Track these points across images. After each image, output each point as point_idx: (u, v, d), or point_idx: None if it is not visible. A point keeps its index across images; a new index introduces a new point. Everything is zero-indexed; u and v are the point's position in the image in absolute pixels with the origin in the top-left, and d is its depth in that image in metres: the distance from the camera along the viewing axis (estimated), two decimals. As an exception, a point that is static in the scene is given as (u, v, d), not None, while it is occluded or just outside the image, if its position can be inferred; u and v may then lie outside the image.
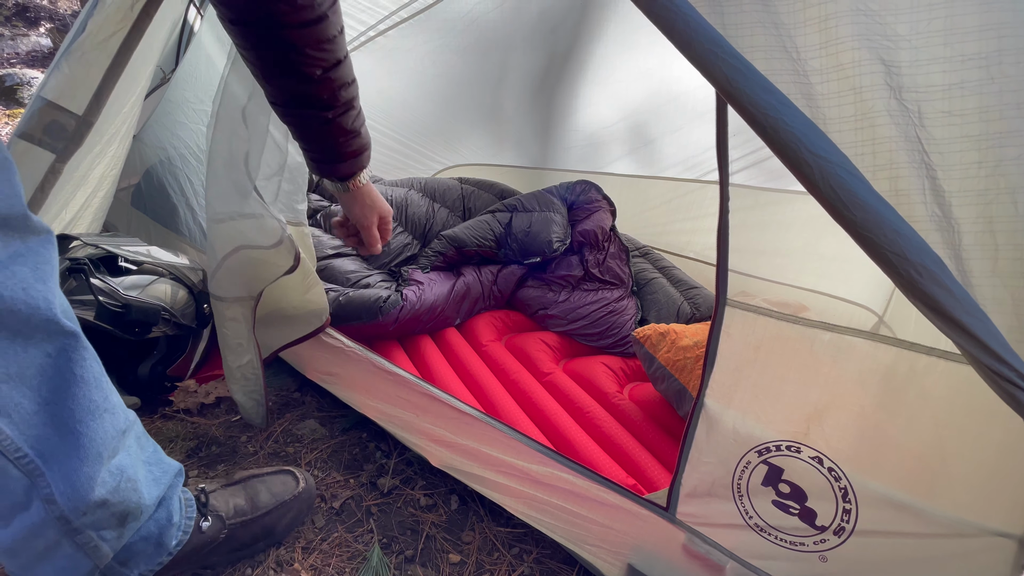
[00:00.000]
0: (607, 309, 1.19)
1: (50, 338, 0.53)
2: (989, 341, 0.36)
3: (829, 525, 0.53)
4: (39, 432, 0.53)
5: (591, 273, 1.26)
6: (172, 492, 0.67)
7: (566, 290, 1.25)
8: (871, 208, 0.37)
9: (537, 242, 1.26)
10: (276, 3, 0.58)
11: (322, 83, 0.66)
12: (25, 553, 0.57)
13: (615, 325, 1.17)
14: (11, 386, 0.51)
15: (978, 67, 0.36)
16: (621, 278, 1.26)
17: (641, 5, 0.40)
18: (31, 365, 0.52)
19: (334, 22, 0.64)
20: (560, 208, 1.32)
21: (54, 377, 0.54)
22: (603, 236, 1.30)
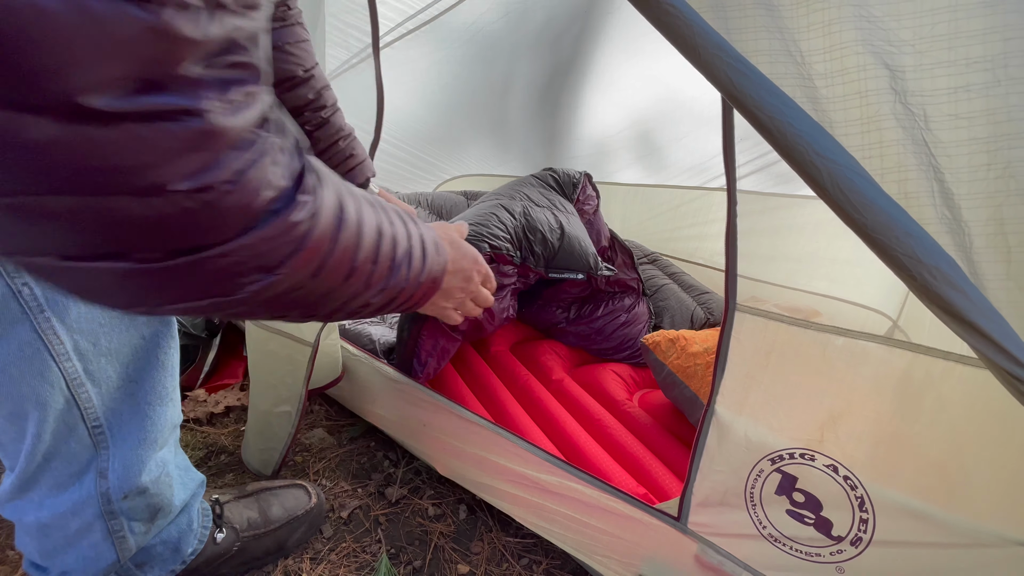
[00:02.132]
0: (620, 321, 1.14)
1: (149, 322, 0.56)
2: (1007, 344, 0.35)
3: (846, 535, 0.51)
4: (116, 407, 0.56)
5: (598, 289, 1.16)
6: (194, 500, 0.69)
7: (575, 305, 1.18)
8: (881, 210, 0.36)
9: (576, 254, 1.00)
10: None
11: (307, 82, 0.71)
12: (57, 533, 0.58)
13: (629, 337, 1.14)
14: (108, 360, 0.54)
15: (983, 70, 0.35)
16: (631, 285, 1.18)
17: (644, 11, 0.40)
18: (127, 344, 0.55)
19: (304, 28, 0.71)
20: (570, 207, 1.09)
21: (142, 359, 0.57)
22: (608, 244, 1.17)
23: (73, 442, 0.55)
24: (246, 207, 0.27)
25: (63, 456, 0.55)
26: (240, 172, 0.25)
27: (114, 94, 0.20)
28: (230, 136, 0.24)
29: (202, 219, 0.25)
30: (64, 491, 0.57)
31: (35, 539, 0.59)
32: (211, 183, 0.24)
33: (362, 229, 0.40)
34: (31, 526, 0.58)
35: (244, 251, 0.29)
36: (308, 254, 0.33)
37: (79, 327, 0.51)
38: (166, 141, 0.22)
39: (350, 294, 0.42)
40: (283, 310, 0.38)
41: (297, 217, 0.31)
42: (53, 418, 0.53)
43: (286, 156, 0.30)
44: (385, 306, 0.49)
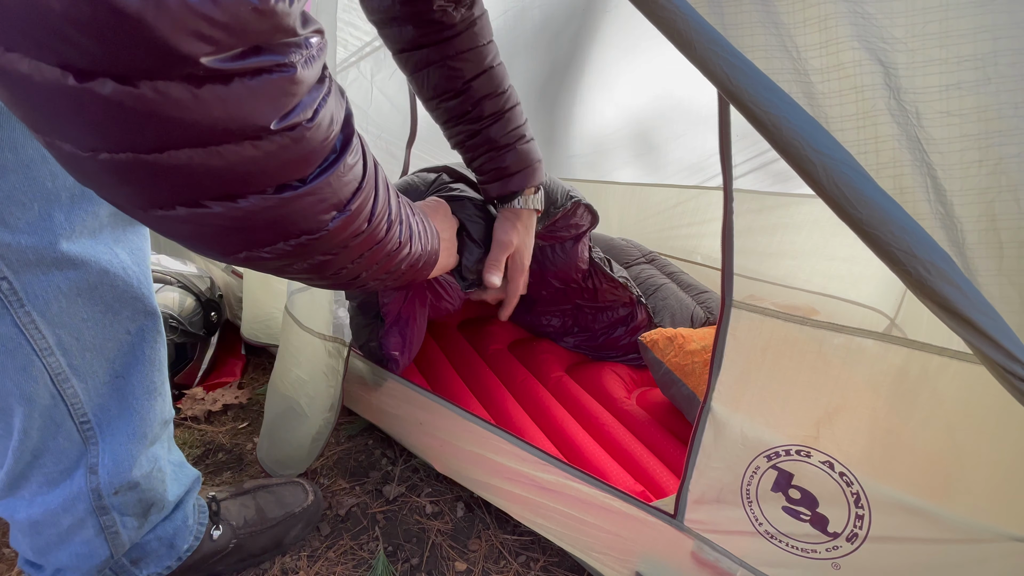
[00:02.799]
0: (618, 334, 1.11)
1: (134, 317, 0.56)
2: (1001, 339, 0.35)
3: (841, 531, 0.52)
4: (104, 402, 0.56)
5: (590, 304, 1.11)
6: (189, 496, 0.69)
7: (569, 316, 1.15)
8: (876, 205, 0.36)
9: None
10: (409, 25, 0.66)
11: (465, 93, 0.71)
12: (49, 530, 0.58)
13: (629, 346, 1.11)
14: (93, 355, 0.54)
15: (974, 68, 0.36)
16: (620, 297, 1.11)
17: (641, 7, 0.40)
18: (112, 339, 0.55)
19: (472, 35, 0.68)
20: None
21: (128, 354, 0.57)
22: (585, 270, 1.04)
23: (61, 438, 0.55)
24: (323, 141, 0.33)
25: (51, 452, 0.55)
26: (316, 112, 0.31)
27: (232, 57, 0.26)
28: (308, 81, 0.30)
29: (295, 154, 0.31)
30: (54, 487, 0.57)
31: (28, 536, 0.59)
32: (297, 122, 0.30)
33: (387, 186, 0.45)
34: (23, 523, 0.58)
35: (323, 188, 0.34)
36: (366, 193, 0.39)
37: (61, 321, 0.51)
38: (268, 89, 0.27)
39: (389, 251, 0.47)
40: (350, 259, 0.42)
41: (353, 156, 0.37)
42: (39, 414, 0.53)
43: (342, 98, 0.36)
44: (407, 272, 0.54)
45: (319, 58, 0.31)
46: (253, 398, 1.12)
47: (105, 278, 0.52)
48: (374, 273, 0.47)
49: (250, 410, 1.09)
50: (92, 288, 0.52)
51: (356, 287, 0.49)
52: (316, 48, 0.30)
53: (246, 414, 1.08)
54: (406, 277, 0.54)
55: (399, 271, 0.51)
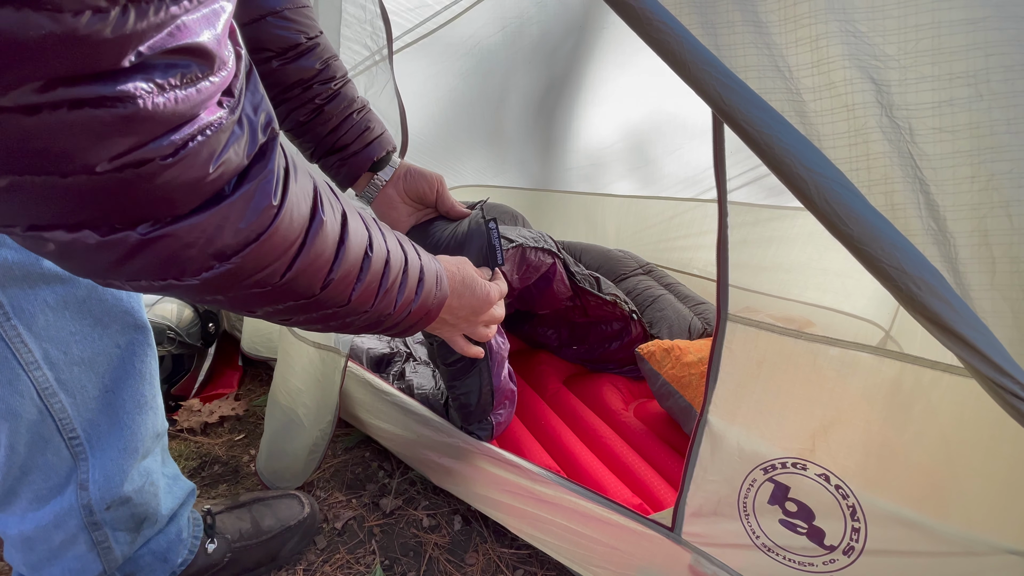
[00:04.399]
0: (612, 348, 1.11)
1: (123, 330, 0.56)
2: (991, 354, 0.36)
3: (838, 544, 0.52)
4: (93, 417, 0.55)
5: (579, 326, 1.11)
6: (183, 509, 0.68)
7: (565, 328, 1.14)
8: (867, 222, 0.37)
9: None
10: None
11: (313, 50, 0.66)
12: (42, 546, 0.58)
13: (625, 358, 1.10)
14: (82, 370, 0.53)
15: (967, 85, 0.36)
16: (611, 313, 1.07)
17: (636, 28, 0.41)
18: (102, 353, 0.55)
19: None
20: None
21: (118, 368, 0.56)
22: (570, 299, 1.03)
23: (50, 453, 0.54)
24: (194, 183, 0.28)
25: (40, 468, 0.55)
26: (179, 148, 0.26)
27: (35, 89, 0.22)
28: (164, 117, 0.25)
29: (146, 192, 0.27)
30: (45, 504, 0.56)
31: (20, 552, 0.58)
32: (146, 158, 0.25)
33: (347, 240, 0.39)
34: (15, 539, 0.57)
35: (196, 232, 0.29)
36: (270, 247, 0.33)
37: (48, 335, 0.51)
38: (93, 126, 0.23)
39: (329, 306, 0.41)
40: (249, 305, 0.38)
41: (256, 202, 0.31)
42: (26, 429, 0.52)
43: (243, 133, 0.30)
44: (370, 327, 0.49)
45: (201, 87, 0.26)
46: (250, 410, 1.12)
47: (94, 292, 0.52)
48: (308, 320, 0.42)
49: (247, 422, 1.09)
50: (80, 302, 0.52)
51: (290, 325, 0.44)
52: (187, 78, 0.26)
53: (243, 426, 1.07)
54: (370, 330, 0.50)
55: (350, 324, 0.46)
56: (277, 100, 0.68)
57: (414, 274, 0.50)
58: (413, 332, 0.55)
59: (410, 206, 0.77)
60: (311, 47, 0.66)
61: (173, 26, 0.24)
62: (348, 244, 0.40)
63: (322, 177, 0.42)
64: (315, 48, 0.67)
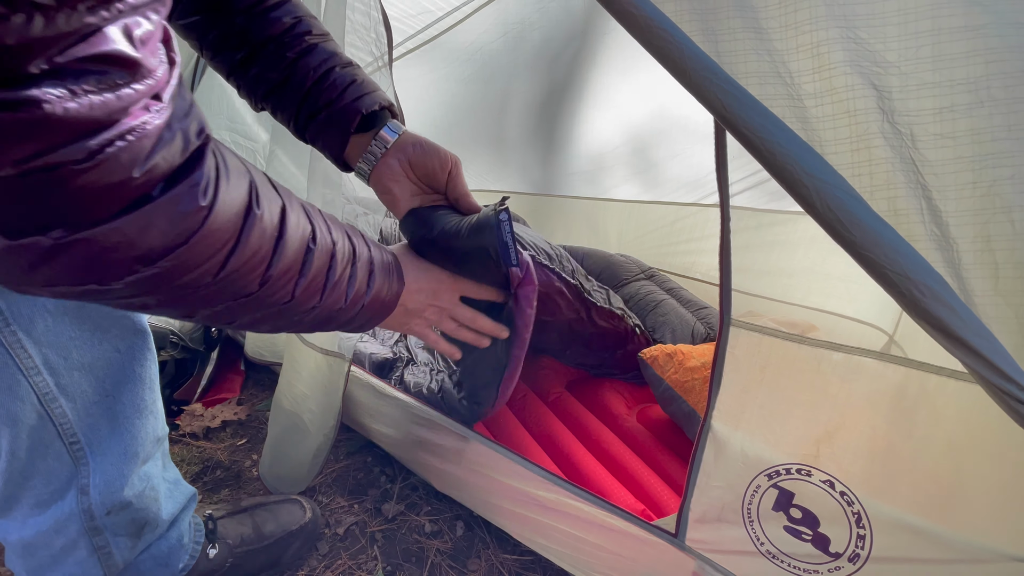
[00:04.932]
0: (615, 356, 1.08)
1: (123, 335, 0.56)
2: (995, 359, 0.36)
3: (843, 552, 0.51)
4: (94, 422, 0.55)
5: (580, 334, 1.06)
6: (184, 514, 0.68)
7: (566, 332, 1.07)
8: (870, 227, 0.37)
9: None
10: None
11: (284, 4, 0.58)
12: (42, 552, 0.57)
13: (627, 365, 1.08)
14: (82, 374, 0.53)
15: (967, 91, 0.36)
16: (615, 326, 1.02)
17: (637, 35, 0.41)
18: (101, 358, 0.54)
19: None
20: None
21: (118, 372, 0.56)
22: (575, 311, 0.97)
23: (51, 459, 0.54)
24: (116, 187, 0.28)
25: (41, 473, 0.55)
26: (95, 153, 0.26)
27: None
28: (76, 121, 0.25)
29: (55, 198, 0.26)
30: (46, 509, 0.56)
31: (21, 558, 0.58)
32: (58, 162, 0.25)
33: (286, 234, 0.38)
34: (16, 545, 0.57)
35: (116, 235, 0.29)
36: (200, 248, 0.33)
37: (47, 340, 0.51)
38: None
39: (272, 304, 0.40)
40: (182, 307, 0.36)
41: (184, 205, 0.31)
42: (27, 434, 0.52)
43: (173, 138, 0.30)
44: (322, 323, 0.47)
45: (121, 93, 0.26)
46: (252, 414, 1.12)
47: None
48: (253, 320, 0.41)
49: (249, 427, 1.09)
50: (80, 307, 0.52)
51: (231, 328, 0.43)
52: (105, 83, 0.25)
53: (245, 431, 1.07)
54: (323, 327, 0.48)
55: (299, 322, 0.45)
56: (247, 63, 0.59)
57: (363, 265, 0.48)
58: (371, 326, 0.54)
59: (415, 184, 0.67)
60: (281, 1, 0.58)
61: (89, 33, 0.24)
62: (287, 238, 0.39)
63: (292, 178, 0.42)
64: (286, 3, 0.58)
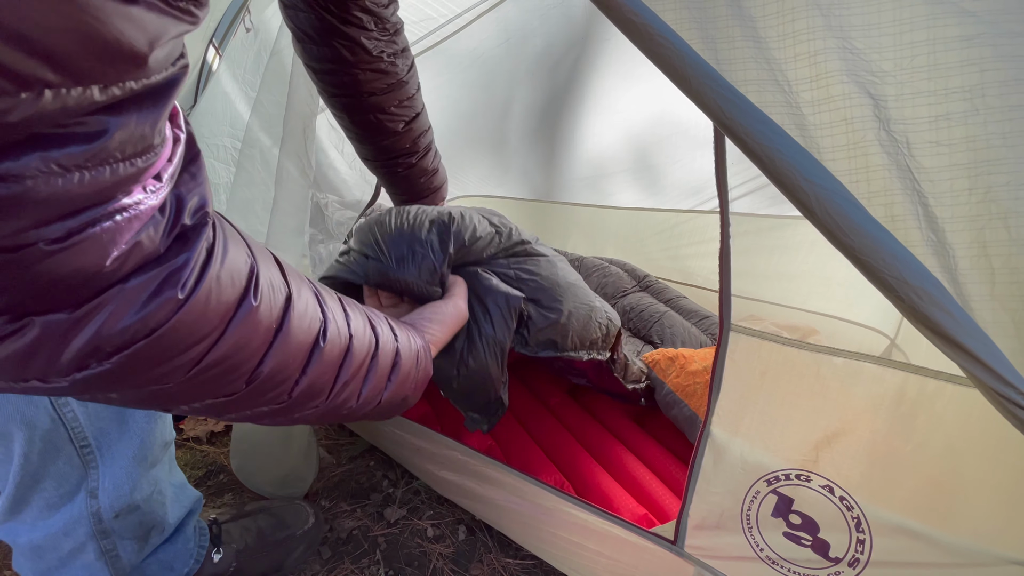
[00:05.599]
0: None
1: None
2: (994, 364, 0.36)
3: (843, 556, 0.51)
4: (104, 426, 0.56)
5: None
6: (190, 519, 0.69)
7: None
8: (868, 233, 0.37)
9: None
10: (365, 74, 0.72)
11: (405, 134, 0.79)
12: (50, 554, 0.58)
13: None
14: None
15: (962, 99, 0.37)
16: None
17: (638, 42, 0.42)
18: None
19: (411, 83, 0.77)
20: None
21: None
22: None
23: (61, 462, 0.55)
24: (85, 270, 0.24)
25: (52, 476, 0.55)
26: (72, 232, 0.23)
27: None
28: (59, 199, 0.22)
29: (22, 280, 0.23)
30: (55, 512, 0.57)
31: (30, 560, 0.59)
32: (28, 242, 0.22)
33: (286, 327, 0.34)
34: (25, 547, 0.58)
35: (66, 325, 0.25)
36: (169, 342, 0.28)
37: None
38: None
39: (263, 403, 0.36)
40: (149, 404, 0.32)
41: (154, 293, 0.26)
42: (39, 438, 0.53)
43: (163, 218, 0.26)
44: (323, 417, 0.43)
45: (118, 170, 0.24)
46: (255, 419, 1.12)
47: None
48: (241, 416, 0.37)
49: (252, 431, 1.09)
50: None
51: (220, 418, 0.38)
52: (89, 155, 0.22)
53: (247, 435, 1.08)
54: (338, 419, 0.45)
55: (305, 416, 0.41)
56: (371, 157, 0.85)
57: (386, 359, 0.44)
58: (387, 418, 0.50)
59: None
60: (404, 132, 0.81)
61: (74, 107, 0.21)
62: (288, 333, 0.34)
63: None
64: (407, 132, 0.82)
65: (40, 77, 0.19)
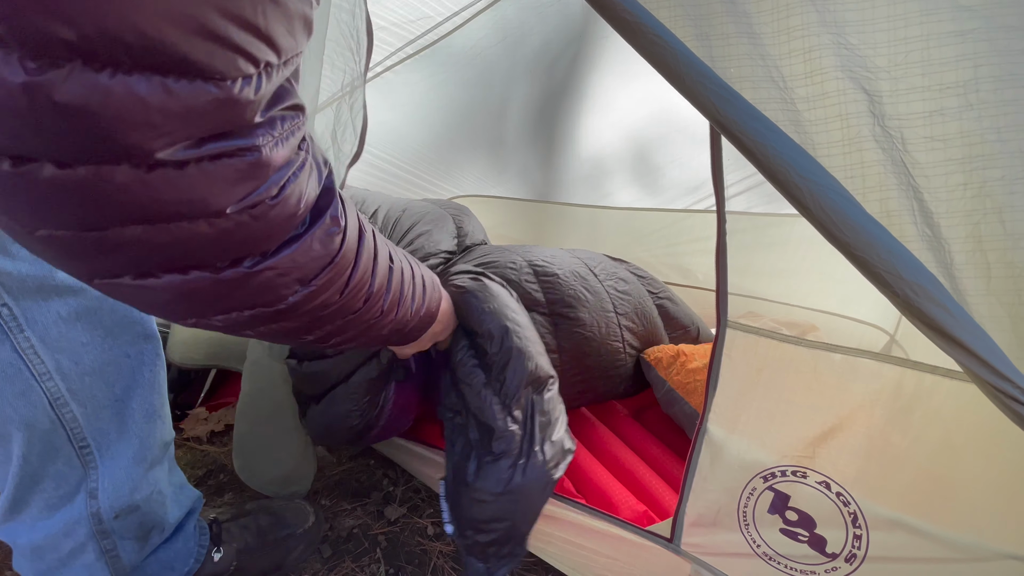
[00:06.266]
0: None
1: (133, 340, 0.57)
2: (990, 358, 0.36)
3: (840, 552, 0.51)
4: (103, 426, 0.56)
5: None
6: (190, 518, 0.69)
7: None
8: (863, 229, 0.37)
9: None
10: None
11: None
12: (51, 555, 0.58)
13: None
14: (92, 380, 0.54)
15: (956, 95, 0.37)
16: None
17: (632, 40, 0.42)
18: (112, 363, 0.55)
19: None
20: None
21: (128, 377, 0.57)
22: None
23: (60, 463, 0.55)
24: (289, 217, 0.32)
25: (51, 477, 0.55)
26: (282, 188, 0.30)
27: (188, 145, 0.25)
28: (276, 162, 0.29)
29: (255, 230, 0.30)
30: (55, 512, 0.57)
31: (30, 561, 0.59)
32: (260, 199, 0.29)
33: (377, 256, 0.44)
34: (25, 548, 0.58)
35: (288, 261, 0.33)
36: (339, 268, 0.37)
37: (60, 346, 0.51)
38: (227, 173, 0.27)
39: (367, 320, 0.45)
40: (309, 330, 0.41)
41: (330, 229, 0.36)
42: (38, 439, 0.53)
43: (317, 173, 0.34)
44: (394, 334, 0.52)
45: (294, 135, 0.30)
46: (255, 418, 1.12)
47: (104, 303, 0.53)
48: (347, 338, 0.46)
49: (252, 430, 1.09)
50: (91, 312, 0.53)
51: (324, 348, 0.48)
52: (290, 128, 0.29)
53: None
54: (390, 340, 0.54)
55: (379, 336, 0.50)
56: None
57: (419, 282, 0.54)
58: (422, 335, 0.58)
59: None
60: None
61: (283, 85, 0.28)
62: (379, 259, 0.44)
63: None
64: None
65: (264, 58, 0.25)
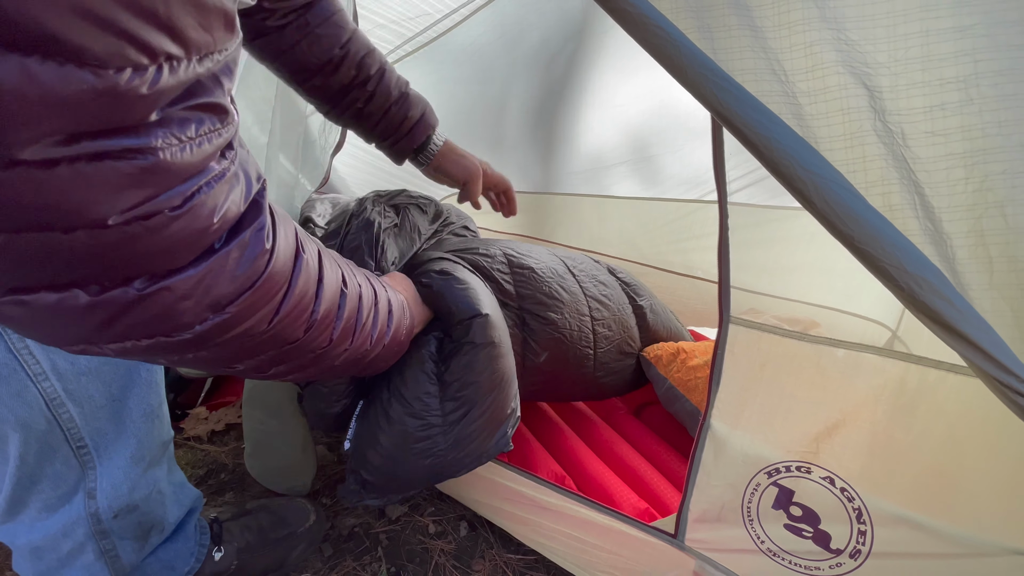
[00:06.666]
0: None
1: None
2: (995, 351, 0.36)
3: (844, 548, 0.51)
4: (100, 426, 0.56)
5: None
6: (190, 517, 0.68)
7: None
8: (867, 222, 0.37)
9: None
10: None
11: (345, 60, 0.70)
12: (50, 555, 0.58)
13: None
14: (89, 379, 0.54)
15: (957, 90, 0.37)
16: None
17: (633, 33, 0.41)
18: (108, 362, 0.55)
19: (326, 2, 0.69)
20: None
21: (124, 376, 0.57)
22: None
23: (58, 463, 0.55)
24: (199, 233, 0.28)
25: (49, 478, 0.55)
26: (188, 199, 0.26)
27: (58, 142, 0.21)
28: (179, 168, 0.25)
29: (150, 245, 0.26)
30: (54, 513, 0.57)
31: (29, 561, 0.59)
32: (156, 210, 0.25)
33: (323, 279, 0.40)
34: (24, 549, 0.58)
35: (191, 283, 0.29)
36: (262, 293, 0.33)
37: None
38: (111, 177, 0.23)
39: (312, 350, 0.41)
40: (237, 358, 0.37)
41: (252, 249, 0.31)
42: (35, 440, 0.53)
43: (244, 186, 0.30)
44: (350, 366, 0.49)
45: (211, 142, 0.27)
46: (256, 417, 1.12)
47: None
48: (289, 369, 0.42)
49: (253, 429, 1.09)
50: None
51: (263, 378, 0.44)
52: (206, 132, 0.26)
53: (249, 434, 1.08)
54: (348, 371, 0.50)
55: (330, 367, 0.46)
56: (329, 105, 0.75)
57: (383, 307, 0.50)
58: (388, 365, 0.56)
59: (448, 183, 0.89)
60: (343, 56, 0.70)
61: (194, 83, 0.25)
62: (325, 282, 0.40)
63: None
64: (346, 56, 0.71)
65: (165, 49, 0.22)
